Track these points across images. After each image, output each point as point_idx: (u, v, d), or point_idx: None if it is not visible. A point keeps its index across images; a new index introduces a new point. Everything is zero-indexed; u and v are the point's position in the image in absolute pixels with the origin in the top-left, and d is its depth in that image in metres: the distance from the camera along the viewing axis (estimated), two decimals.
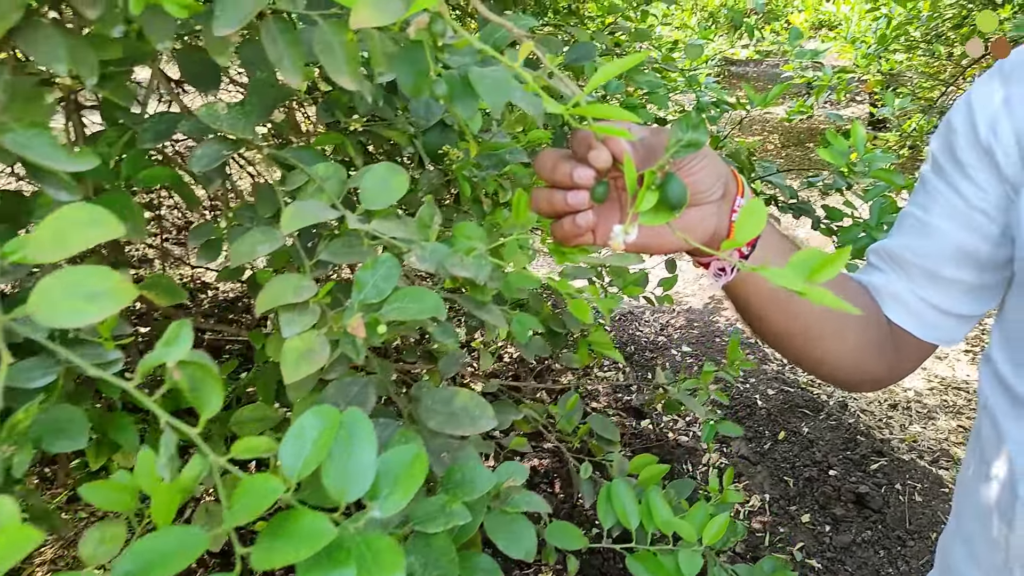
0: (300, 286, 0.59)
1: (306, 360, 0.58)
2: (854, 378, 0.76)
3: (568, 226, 0.53)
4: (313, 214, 0.56)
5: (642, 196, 0.47)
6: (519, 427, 1.18)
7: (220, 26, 0.53)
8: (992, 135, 0.62)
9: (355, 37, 0.61)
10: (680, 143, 0.48)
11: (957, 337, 0.72)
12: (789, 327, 0.69)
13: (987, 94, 0.63)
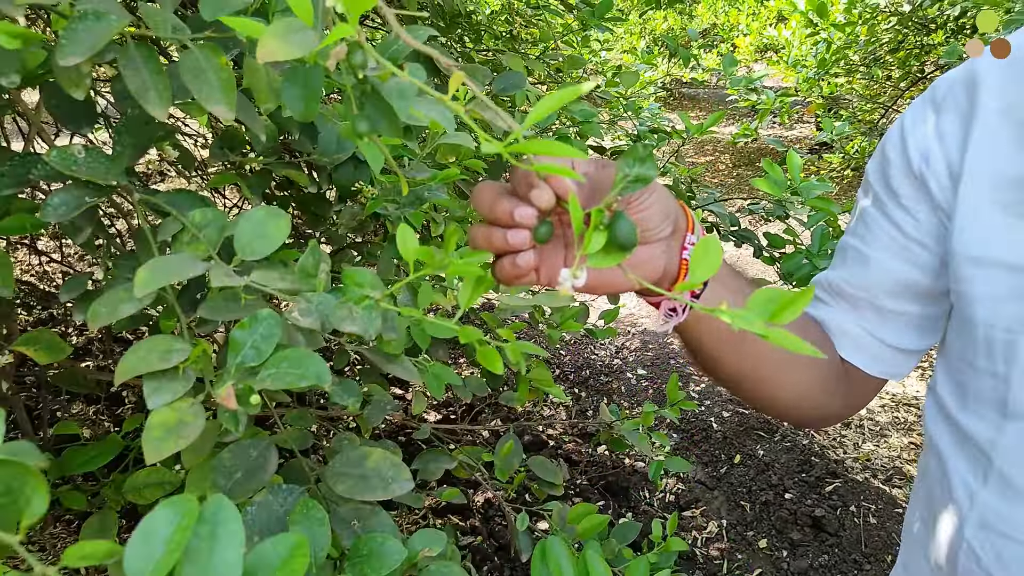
0: (169, 349, 0.52)
1: (175, 435, 0.51)
2: (810, 415, 0.75)
3: (508, 267, 0.49)
4: (177, 270, 0.49)
5: (589, 237, 0.44)
6: (457, 474, 1.12)
7: (67, 55, 0.47)
8: (924, 164, 0.61)
9: (227, 60, 0.55)
10: (628, 179, 0.45)
11: (904, 371, 0.71)
12: (741, 368, 0.67)
13: (919, 123, 0.62)
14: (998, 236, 0.57)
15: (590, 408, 3.02)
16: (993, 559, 0.59)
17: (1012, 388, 0.57)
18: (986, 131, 0.58)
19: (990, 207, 0.57)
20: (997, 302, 0.57)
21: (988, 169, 0.58)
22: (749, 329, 0.39)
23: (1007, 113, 0.57)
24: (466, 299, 0.55)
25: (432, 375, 0.69)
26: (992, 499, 0.59)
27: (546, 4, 1.60)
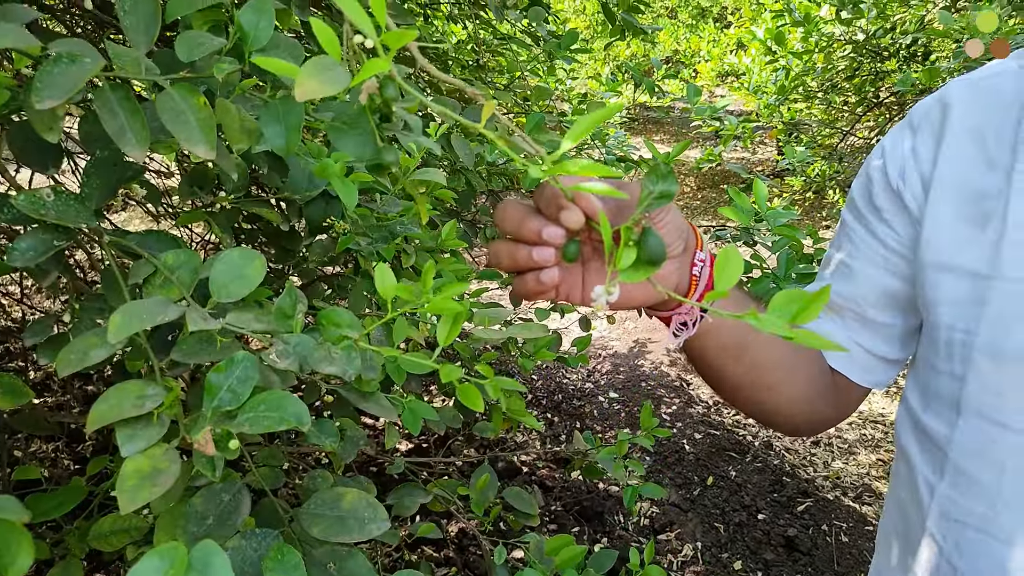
0: (143, 395, 0.51)
1: (150, 483, 0.50)
2: (806, 423, 0.78)
3: (532, 284, 0.51)
4: (151, 314, 0.49)
5: (620, 254, 0.46)
6: (433, 508, 1.10)
7: (44, 98, 0.46)
8: (901, 180, 0.66)
9: (206, 102, 0.55)
10: (652, 196, 0.47)
11: (887, 380, 0.75)
12: (743, 379, 0.70)
13: (898, 143, 0.67)
14: (960, 245, 0.61)
15: (563, 433, 3.02)
16: (952, 547, 0.63)
17: (966, 386, 0.61)
18: (953, 148, 0.62)
19: (954, 218, 0.62)
20: (958, 306, 0.61)
21: (954, 183, 0.62)
22: (772, 331, 0.41)
23: (973, 134, 0.62)
24: (444, 336, 0.55)
25: (409, 411, 0.68)
26: (948, 490, 0.63)
27: (512, 35, 1.63)
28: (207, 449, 0.48)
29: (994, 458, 0.59)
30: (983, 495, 0.60)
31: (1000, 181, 0.59)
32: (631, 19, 1.34)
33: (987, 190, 0.60)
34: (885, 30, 2.68)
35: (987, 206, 0.60)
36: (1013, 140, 0.59)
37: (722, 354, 0.67)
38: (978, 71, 0.66)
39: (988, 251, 0.59)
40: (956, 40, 1.80)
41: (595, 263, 0.56)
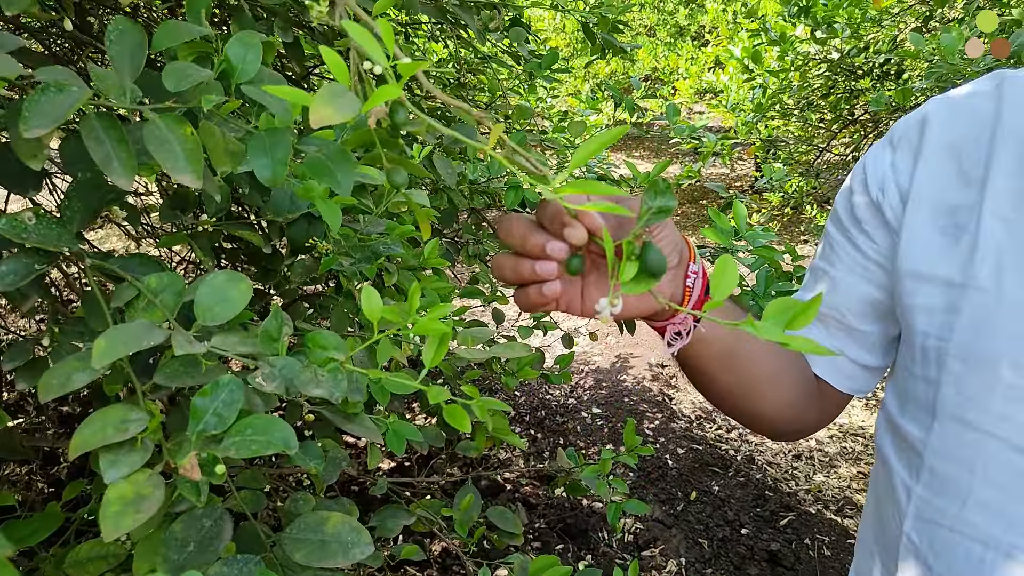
0: (126, 419, 0.51)
1: (133, 509, 0.50)
2: (792, 428, 0.81)
3: (535, 296, 0.53)
4: (136, 339, 0.48)
5: (623, 267, 0.48)
6: (416, 529, 1.10)
7: (31, 127, 0.46)
8: (881, 193, 0.68)
9: (193, 131, 0.55)
10: (651, 211, 0.48)
11: (868, 388, 0.78)
12: (733, 387, 0.73)
13: (879, 159, 0.70)
14: (935, 255, 0.63)
15: (547, 449, 3.01)
16: (928, 547, 0.65)
17: (940, 390, 0.63)
18: (931, 163, 0.65)
19: (930, 229, 0.64)
20: (932, 313, 0.63)
21: (930, 196, 0.65)
22: (770, 338, 0.42)
23: (949, 150, 0.64)
24: (431, 357, 0.55)
25: (392, 431, 0.68)
26: (924, 492, 0.65)
27: (493, 55, 1.64)
28: (193, 474, 0.48)
29: (966, 460, 0.61)
30: (956, 496, 0.62)
31: (974, 196, 0.62)
32: (611, 38, 1.36)
33: (961, 204, 0.63)
34: (859, 49, 2.74)
35: (961, 219, 0.63)
36: (986, 157, 0.62)
37: (713, 363, 0.70)
38: (957, 90, 0.69)
39: (962, 262, 0.61)
40: (927, 60, 1.85)
41: (594, 276, 0.58)
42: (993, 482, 0.60)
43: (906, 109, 2.13)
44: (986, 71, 1.55)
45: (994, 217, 0.60)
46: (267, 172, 0.55)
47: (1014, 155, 0.61)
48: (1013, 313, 0.58)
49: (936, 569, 0.64)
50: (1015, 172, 0.60)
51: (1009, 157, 0.61)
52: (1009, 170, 0.61)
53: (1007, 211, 0.60)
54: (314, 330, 0.53)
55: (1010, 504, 0.59)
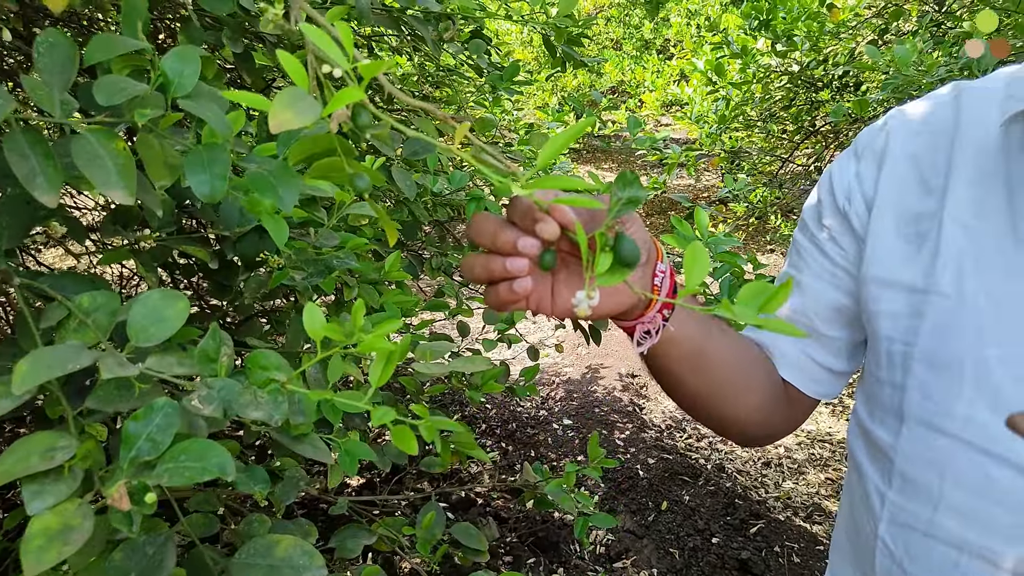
0: (53, 447, 0.48)
1: (59, 542, 0.47)
2: (760, 433, 0.81)
3: (505, 293, 0.52)
4: (60, 362, 0.46)
5: (598, 259, 0.48)
6: (378, 548, 1.07)
7: None
8: (847, 202, 0.70)
9: (126, 146, 0.53)
10: (622, 201, 0.48)
11: (835, 391, 0.78)
12: (701, 389, 0.73)
13: (844, 169, 0.71)
14: (900, 262, 0.65)
15: (518, 462, 2.99)
16: (903, 551, 0.65)
17: (907, 394, 0.64)
18: (893, 172, 0.67)
19: (894, 237, 0.66)
20: (897, 318, 0.65)
21: (893, 204, 0.66)
22: (745, 321, 0.43)
23: (911, 160, 0.66)
24: (377, 377, 0.53)
25: (345, 451, 0.66)
26: (897, 497, 0.66)
27: (456, 67, 1.63)
28: (122, 504, 0.45)
29: (935, 464, 0.62)
30: (928, 500, 0.63)
31: (935, 203, 0.63)
32: (572, 51, 1.36)
33: (923, 211, 0.64)
34: (818, 62, 2.79)
35: (923, 226, 0.64)
36: (946, 166, 0.64)
37: (682, 363, 0.70)
38: (917, 101, 0.70)
39: (924, 268, 0.63)
40: (884, 72, 1.89)
41: (564, 274, 0.58)
42: (963, 486, 0.60)
43: (864, 120, 2.17)
44: (939, 82, 1.58)
45: (955, 224, 0.62)
46: (205, 188, 0.53)
47: (972, 164, 0.62)
48: (974, 318, 0.59)
49: (912, 572, 0.64)
50: (974, 181, 0.62)
51: (968, 166, 0.62)
52: (968, 179, 0.62)
53: (967, 218, 0.61)
54: (257, 349, 0.51)
55: (981, 507, 0.59)
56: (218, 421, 0.58)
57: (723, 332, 0.74)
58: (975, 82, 0.67)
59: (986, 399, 0.58)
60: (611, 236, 0.48)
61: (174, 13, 0.98)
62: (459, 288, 1.71)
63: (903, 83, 1.56)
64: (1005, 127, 0.60)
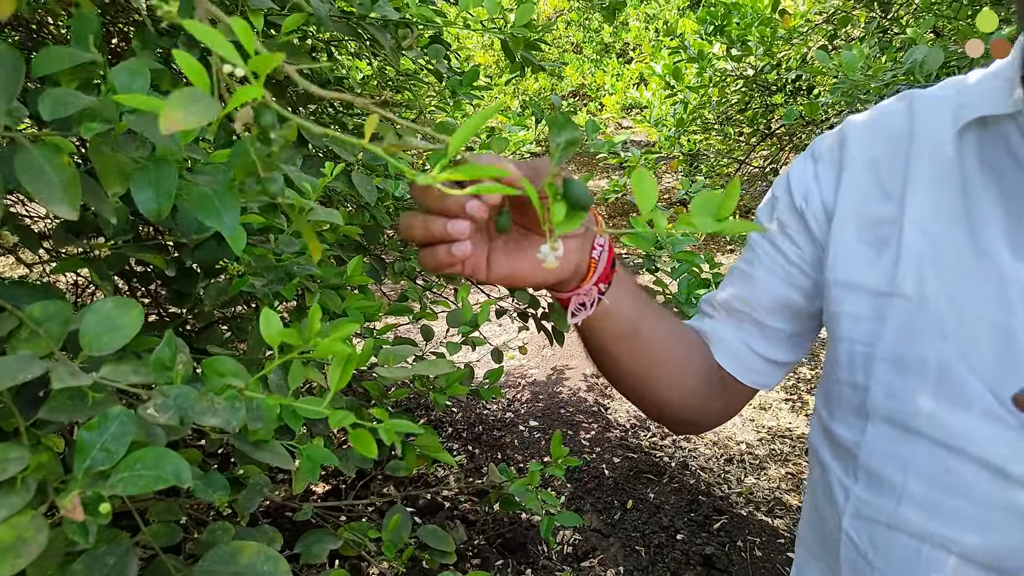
0: (5, 459, 0.48)
1: (13, 554, 0.46)
2: (694, 418, 0.82)
3: (444, 256, 0.52)
4: (11, 372, 0.46)
5: (553, 208, 0.48)
6: (344, 552, 1.07)
7: None
8: (804, 202, 0.72)
9: (71, 160, 0.52)
10: (560, 146, 0.48)
11: (773, 382, 0.80)
12: (635, 367, 0.74)
13: (802, 170, 0.73)
14: (862, 266, 0.67)
15: (484, 464, 3.00)
16: (868, 544, 0.67)
17: (870, 394, 0.65)
18: (853, 178, 0.69)
19: (856, 241, 0.68)
20: (859, 321, 0.67)
21: (854, 210, 0.68)
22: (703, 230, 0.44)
23: (869, 166, 0.68)
24: (336, 381, 0.54)
25: (306, 457, 0.66)
26: (861, 492, 0.67)
27: (415, 72, 1.64)
28: (75, 515, 0.45)
29: (899, 459, 0.64)
30: (891, 493, 0.64)
31: (894, 209, 0.66)
32: (530, 56, 1.37)
33: (883, 217, 0.66)
34: (771, 66, 2.86)
35: (884, 231, 0.66)
36: (904, 172, 0.66)
37: (617, 343, 0.71)
38: (872, 109, 0.73)
39: (886, 271, 0.65)
40: (834, 76, 1.95)
41: (500, 242, 0.59)
42: (925, 479, 0.62)
43: (816, 122, 2.23)
44: (885, 86, 1.64)
45: (914, 228, 0.64)
46: (152, 204, 0.53)
47: (929, 171, 0.64)
48: (936, 318, 0.61)
49: (876, 564, 0.66)
50: (931, 187, 0.64)
51: (924, 172, 0.64)
52: (925, 185, 0.64)
53: (926, 223, 0.63)
54: (214, 356, 0.51)
55: (942, 499, 0.61)
56: (176, 429, 0.58)
57: (660, 314, 0.75)
58: (927, 90, 0.69)
59: (948, 397, 0.60)
60: (559, 183, 0.48)
61: (127, 17, 0.97)
62: (423, 292, 1.71)
63: (851, 87, 1.61)
64: (959, 135, 0.63)
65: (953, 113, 0.64)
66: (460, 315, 1.17)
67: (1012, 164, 0.59)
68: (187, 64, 0.39)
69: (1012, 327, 0.57)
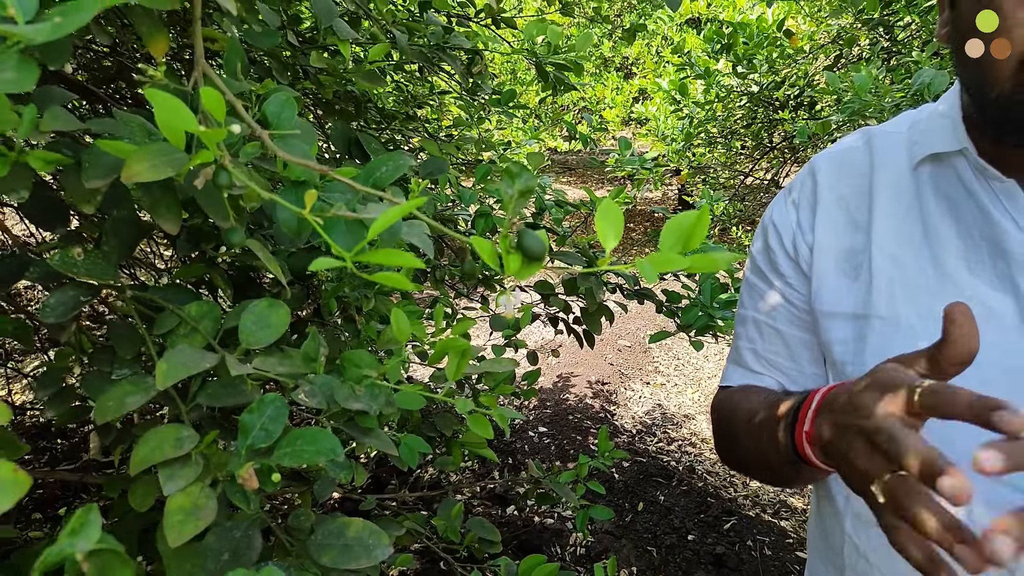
0: (180, 437, 0.56)
1: (193, 518, 0.54)
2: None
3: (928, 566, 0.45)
4: (193, 362, 0.53)
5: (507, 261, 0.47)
6: (402, 542, 1.14)
7: (91, 179, 0.51)
8: (794, 249, 0.79)
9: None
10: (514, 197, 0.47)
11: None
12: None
13: (785, 217, 0.80)
14: (841, 294, 0.74)
15: (496, 469, 3.07)
16: (866, 545, 0.74)
17: None
18: (826, 215, 0.76)
19: (834, 273, 0.75)
20: (846, 343, 0.74)
21: (830, 244, 0.76)
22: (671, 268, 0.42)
23: (839, 202, 0.76)
24: (453, 371, 0.62)
25: (405, 444, 0.74)
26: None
27: (448, 92, 1.72)
28: (251, 483, 0.53)
29: None
30: None
31: (863, 239, 0.73)
32: (562, 77, 1.46)
33: (855, 247, 0.74)
34: (776, 84, 2.97)
35: (856, 260, 0.74)
36: (869, 204, 0.74)
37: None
38: (834, 147, 0.81)
39: (862, 296, 0.72)
40: (834, 94, 2.05)
41: None
42: None
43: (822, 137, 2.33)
44: (895, 107, 1.74)
45: (882, 255, 0.71)
46: (292, 223, 0.61)
47: (890, 201, 0.72)
48: (908, 337, 0.68)
49: (875, 564, 0.73)
50: (894, 216, 0.72)
51: (886, 203, 0.72)
52: (888, 214, 0.72)
53: (892, 249, 0.71)
54: (352, 350, 0.59)
55: None
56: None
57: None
58: (882, 127, 0.77)
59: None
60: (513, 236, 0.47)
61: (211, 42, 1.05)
62: (453, 298, 1.79)
63: (861, 107, 1.71)
64: (915, 169, 0.71)
65: (908, 149, 0.72)
66: (504, 319, 1.25)
67: (964, 193, 0.67)
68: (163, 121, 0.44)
69: None
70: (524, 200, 0.47)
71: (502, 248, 0.47)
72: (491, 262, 0.47)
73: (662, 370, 4.13)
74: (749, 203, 3.83)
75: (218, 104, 0.47)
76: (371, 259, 0.44)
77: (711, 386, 3.90)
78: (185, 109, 0.44)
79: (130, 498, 0.71)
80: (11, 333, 0.62)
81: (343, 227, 0.58)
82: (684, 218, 0.43)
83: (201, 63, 0.56)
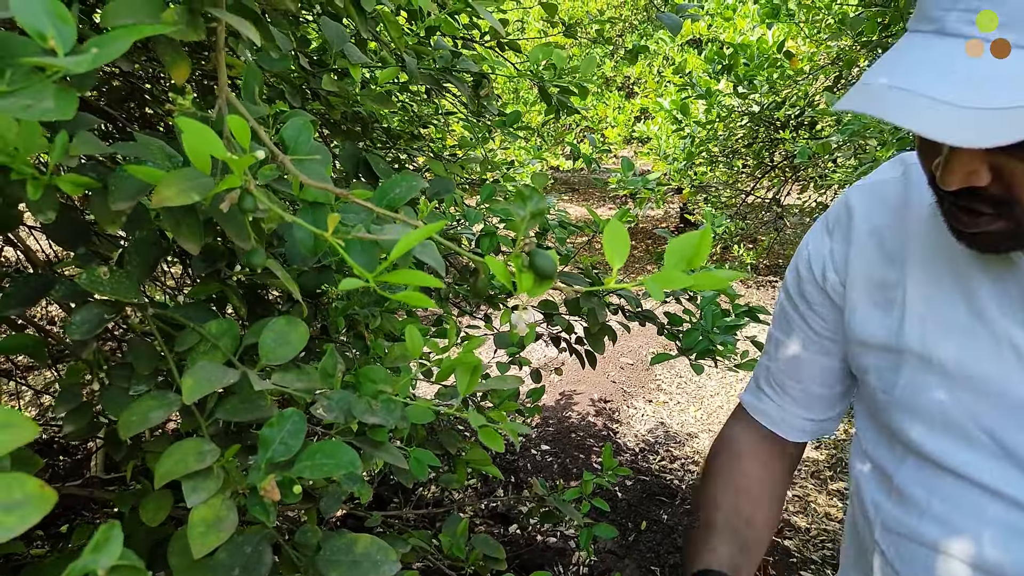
0: (202, 451, 0.57)
1: (215, 529, 0.55)
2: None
3: None
4: (216, 378, 0.55)
5: (520, 279, 0.49)
6: (406, 559, 1.15)
7: (116, 201, 0.53)
8: (823, 278, 0.81)
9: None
10: (526, 219, 0.49)
11: (834, 428, 0.92)
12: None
13: (819, 246, 0.83)
14: (873, 324, 0.76)
15: (498, 487, 3.06)
16: (894, 555, 0.76)
17: (903, 434, 0.74)
18: (860, 247, 0.78)
19: (867, 304, 0.77)
20: (880, 371, 0.76)
21: (862, 275, 0.78)
22: (675, 286, 0.43)
23: (873, 236, 0.77)
24: (465, 385, 0.63)
25: (415, 458, 0.75)
26: (892, 508, 0.77)
27: (453, 112, 1.75)
28: (273, 495, 0.54)
29: (926, 483, 0.73)
30: (915, 511, 0.74)
31: (897, 272, 0.75)
32: (565, 100, 1.49)
33: (888, 280, 0.75)
34: (777, 104, 3.01)
35: (890, 293, 0.75)
36: (903, 238, 0.75)
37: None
38: (869, 178, 0.82)
39: (895, 329, 0.74)
40: (833, 115, 2.08)
41: None
42: (946, 501, 0.71)
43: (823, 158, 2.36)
44: (892, 129, 1.76)
45: (915, 291, 0.73)
46: (309, 242, 0.63)
47: (922, 237, 0.73)
48: (940, 374, 0.70)
49: (902, 572, 0.75)
50: (926, 252, 0.73)
51: (919, 239, 0.73)
52: (921, 250, 0.73)
53: (924, 286, 0.72)
54: (368, 366, 0.61)
55: (954, 516, 0.71)
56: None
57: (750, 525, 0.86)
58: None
59: (953, 437, 0.70)
60: (525, 256, 0.48)
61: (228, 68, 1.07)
62: (457, 316, 1.80)
63: (860, 128, 1.74)
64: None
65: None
66: (508, 337, 1.27)
67: None
68: (192, 147, 0.46)
69: (1005, 380, 0.65)
70: (535, 221, 0.49)
71: (515, 267, 0.49)
72: (504, 280, 0.48)
73: (664, 388, 4.14)
74: (751, 221, 3.87)
75: (244, 131, 0.49)
76: (392, 279, 0.45)
77: (713, 404, 3.90)
78: (214, 136, 0.46)
79: (142, 513, 0.72)
80: (29, 349, 0.64)
81: (359, 247, 0.60)
82: (688, 238, 0.44)
83: (225, 91, 0.58)
